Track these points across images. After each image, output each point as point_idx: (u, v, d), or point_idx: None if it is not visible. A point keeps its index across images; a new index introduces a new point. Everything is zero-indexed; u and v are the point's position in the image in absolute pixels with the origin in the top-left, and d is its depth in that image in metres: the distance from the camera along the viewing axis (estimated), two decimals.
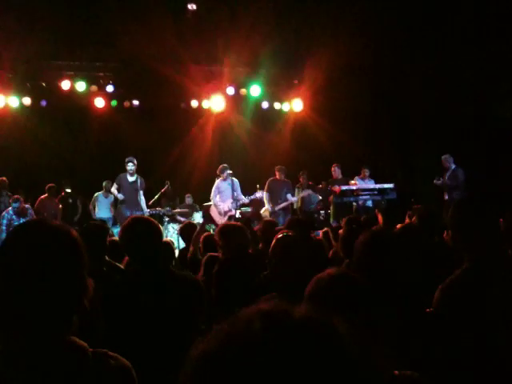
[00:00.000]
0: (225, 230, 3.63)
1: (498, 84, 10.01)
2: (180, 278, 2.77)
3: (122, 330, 2.56)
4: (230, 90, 12.31)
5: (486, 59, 9.85)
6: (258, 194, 10.10)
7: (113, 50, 10.95)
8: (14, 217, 9.47)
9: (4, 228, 9.40)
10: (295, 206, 10.94)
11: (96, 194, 11.13)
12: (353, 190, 10.04)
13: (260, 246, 4.70)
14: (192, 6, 10.01)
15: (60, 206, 10.97)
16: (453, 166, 10.01)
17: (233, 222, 4.17)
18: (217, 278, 3.35)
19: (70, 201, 11.23)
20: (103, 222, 7.65)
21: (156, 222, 2.91)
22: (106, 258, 3.73)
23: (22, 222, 9.22)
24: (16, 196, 9.64)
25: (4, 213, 9.57)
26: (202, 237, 4.85)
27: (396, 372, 1.60)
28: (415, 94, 11.72)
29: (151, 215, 9.24)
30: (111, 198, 10.65)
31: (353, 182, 10.66)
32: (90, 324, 2.78)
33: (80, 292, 1.35)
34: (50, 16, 9.49)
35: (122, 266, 3.97)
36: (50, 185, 10.75)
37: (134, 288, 2.68)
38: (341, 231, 4.26)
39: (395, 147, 12.65)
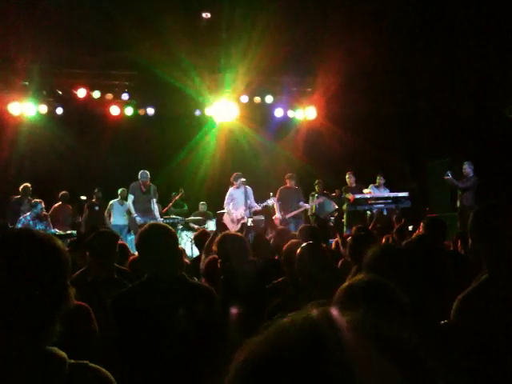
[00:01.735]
0: (223, 240, 3.62)
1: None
2: (192, 286, 2.76)
3: (132, 336, 2.55)
4: (244, 98, 12.35)
5: (497, 62, 9.78)
6: (271, 201, 10.09)
7: (128, 57, 11.03)
8: (30, 222, 9.29)
9: None
10: (308, 213, 10.90)
11: (111, 202, 11.18)
12: (367, 199, 9.98)
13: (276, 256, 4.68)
14: (206, 15, 10.06)
15: (85, 211, 11.06)
16: (470, 174, 9.95)
17: (232, 232, 4.15)
18: (222, 288, 3.34)
19: (97, 208, 11.29)
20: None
21: (172, 228, 2.93)
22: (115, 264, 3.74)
23: (39, 227, 9.22)
24: (38, 200, 9.54)
25: (21, 217, 9.45)
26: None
27: None
28: (431, 101, 11.65)
29: (165, 223, 9.25)
30: (126, 205, 10.67)
31: (367, 190, 10.60)
32: (100, 330, 2.78)
33: (60, 302, 1.34)
34: (66, 24, 9.59)
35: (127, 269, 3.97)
36: (63, 192, 10.82)
37: (146, 295, 2.68)
38: (349, 238, 4.27)
39: (410, 155, 12.57)
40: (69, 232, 9.52)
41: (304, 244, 2.84)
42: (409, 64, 11.39)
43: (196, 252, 7.84)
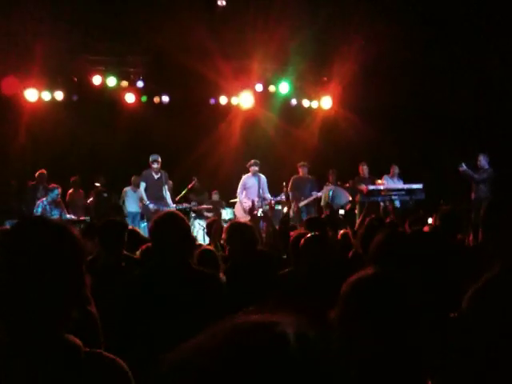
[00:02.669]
0: (231, 228, 3.64)
1: None
2: (198, 274, 2.79)
3: (138, 323, 2.57)
4: (259, 87, 12.30)
5: None
6: (284, 196, 10.07)
7: (143, 45, 11.04)
8: (47, 207, 9.39)
9: None
10: (322, 203, 10.84)
11: (125, 189, 11.24)
12: (380, 190, 9.90)
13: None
14: (222, 2, 10.00)
15: (91, 198, 11.11)
16: (486, 166, 9.86)
17: (241, 221, 4.17)
18: (227, 276, 3.35)
19: (105, 195, 11.33)
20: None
21: (185, 217, 2.96)
22: (124, 251, 3.77)
23: (54, 213, 9.30)
24: (55, 185, 9.58)
25: (39, 202, 9.52)
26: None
27: (429, 382, 1.55)
28: (447, 92, 11.49)
29: (178, 210, 9.24)
30: (139, 192, 10.71)
31: (380, 181, 10.52)
32: (105, 316, 2.80)
33: (77, 289, 1.35)
34: (81, 10, 9.61)
35: (137, 256, 3.99)
36: (74, 178, 10.88)
37: (152, 283, 2.70)
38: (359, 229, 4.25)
39: (425, 145, 12.44)
40: (82, 218, 9.58)
41: (309, 235, 2.82)
42: (428, 55, 11.23)
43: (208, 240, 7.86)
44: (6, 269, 1.30)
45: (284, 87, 12.39)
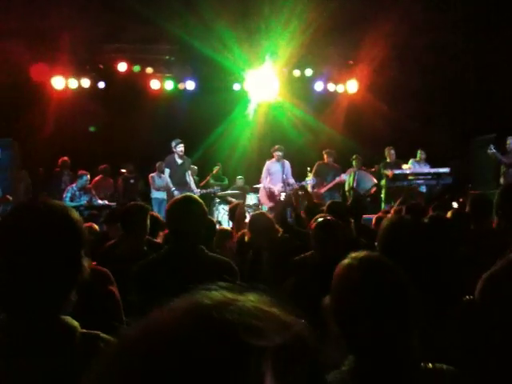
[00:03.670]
0: (252, 218, 3.66)
1: None
2: (211, 259, 2.78)
3: (148, 307, 2.58)
4: (284, 72, 12.21)
5: None
6: (309, 181, 10.02)
7: (168, 32, 11.04)
8: (77, 193, 9.51)
9: (67, 202, 9.13)
10: (346, 188, 10.76)
11: (151, 175, 11.33)
12: (406, 174, 9.75)
13: None
14: None
15: (120, 184, 11.26)
16: None
17: (261, 212, 4.19)
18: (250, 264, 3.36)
19: (132, 181, 11.47)
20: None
21: (201, 202, 2.89)
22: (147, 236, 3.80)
23: (83, 199, 9.47)
24: (84, 172, 9.70)
25: (68, 187, 9.67)
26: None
27: (430, 365, 1.53)
28: (475, 75, 11.23)
29: (202, 195, 9.30)
30: (164, 178, 10.78)
31: (406, 165, 10.37)
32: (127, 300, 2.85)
33: (74, 272, 1.36)
34: None
35: (159, 241, 4.01)
36: (104, 166, 11.02)
37: (164, 267, 2.70)
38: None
39: (453, 130, 12.20)
40: (109, 204, 9.70)
41: (320, 219, 2.79)
42: (456, 37, 10.97)
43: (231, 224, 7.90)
44: (5, 250, 1.32)
45: (309, 71, 12.30)
